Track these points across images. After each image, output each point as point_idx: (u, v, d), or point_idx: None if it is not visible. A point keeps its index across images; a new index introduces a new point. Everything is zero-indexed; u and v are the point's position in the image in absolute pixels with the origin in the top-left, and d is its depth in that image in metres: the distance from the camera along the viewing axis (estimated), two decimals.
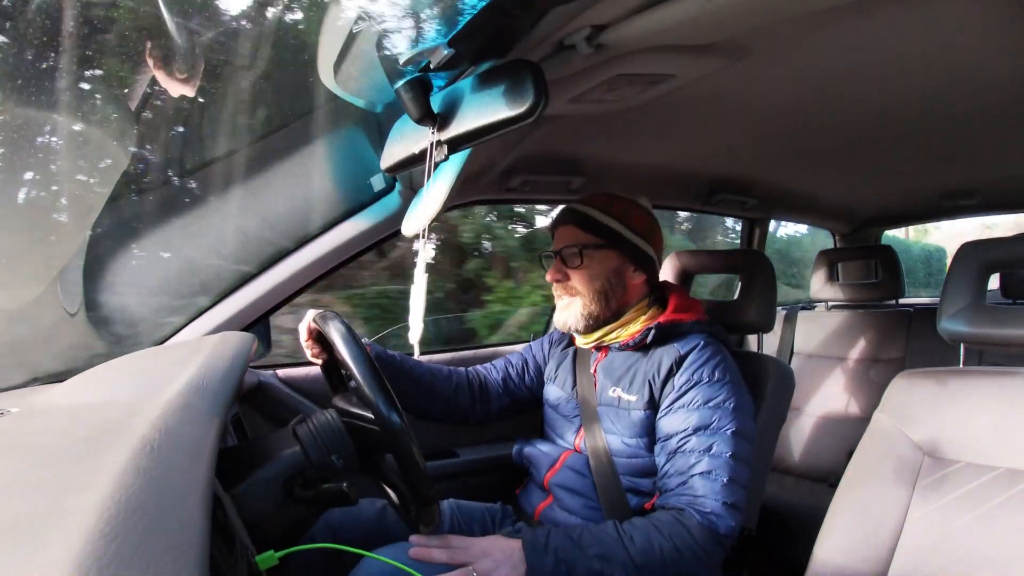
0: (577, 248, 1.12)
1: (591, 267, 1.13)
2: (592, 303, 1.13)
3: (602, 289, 1.13)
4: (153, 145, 1.23)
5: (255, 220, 1.23)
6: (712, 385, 1.02)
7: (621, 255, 1.14)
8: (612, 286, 1.13)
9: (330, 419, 0.80)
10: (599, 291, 1.13)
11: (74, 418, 0.57)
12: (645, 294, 1.17)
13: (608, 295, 1.13)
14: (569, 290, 1.14)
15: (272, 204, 1.25)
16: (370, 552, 0.76)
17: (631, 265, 1.15)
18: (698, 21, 0.77)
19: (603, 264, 1.13)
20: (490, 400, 1.28)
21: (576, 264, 1.13)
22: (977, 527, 0.79)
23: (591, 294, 1.12)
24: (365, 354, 0.81)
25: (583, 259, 1.12)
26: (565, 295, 1.15)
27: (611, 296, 1.13)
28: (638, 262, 1.15)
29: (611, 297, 1.14)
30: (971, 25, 0.84)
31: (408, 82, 0.79)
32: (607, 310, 1.13)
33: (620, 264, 1.14)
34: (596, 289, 1.12)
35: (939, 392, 0.91)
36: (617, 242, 1.13)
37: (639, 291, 1.16)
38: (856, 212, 2.40)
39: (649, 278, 1.17)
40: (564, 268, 1.14)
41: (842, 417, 2.02)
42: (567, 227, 1.16)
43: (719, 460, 0.96)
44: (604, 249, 1.13)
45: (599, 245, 1.13)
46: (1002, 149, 1.50)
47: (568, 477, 1.11)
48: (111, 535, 0.30)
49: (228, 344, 0.81)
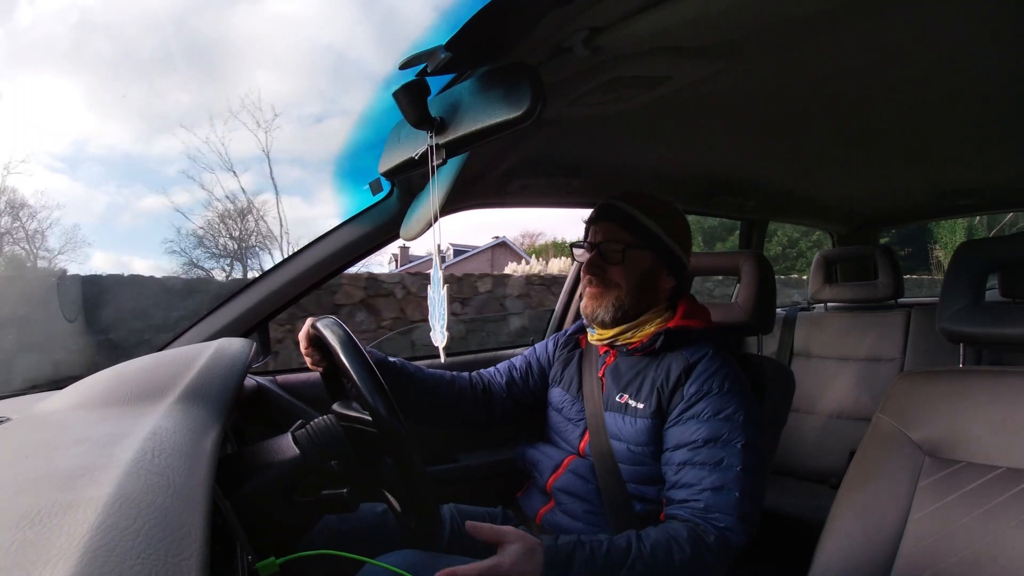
0: (619, 245, 1.12)
1: (629, 265, 1.13)
2: (626, 297, 1.13)
3: (638, 286, 1.13)
4: None
5: None
6: (722, 396, 1.02)
7: (657, 258, 1.14)
8: (647, 285, 1.14)
9: (329, 424, 0.80)
10: (635, 287, 1.13)
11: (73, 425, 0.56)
12: (668, 299, 1.17)
13: (641, 293, 1.14)
14: (605, 281, 1.14)
15: None
16: (371, 558, 0.75)
17: (665, 269, 1.15)
18: (695, 23, 0.77)
19: (640, 264, 1.13)
20: (493, 404, 1.27)
21: (616, 261, 1.13)
22: (978, 527, 0.79)
23: (627, 288, 1.13)
24: (364, 358, 0.81)
25: (624, 258, 1.12)
26: (599, 284, 1.15)
27: (643, 296, 1.14)
28: (672, 267, 1.16)
29: (643, 296, 1.14)
30: (969, 25, 0.84)
31: (405, 86, 0.79)
32: (636, 307, 1.14)
33: (655, 266, 1.14)
34: (633, 285, 1.13)
35: (939, 392, 0.91)
36: (655, 244, 1.13)
37: (665, 295, 1.17)
38: (854, 213, 2.41)
39: (678, 284, 1.18)
40: (602, 263, 1.14)
41: (842, 418, 2.02)
42: (609, 224, 1.15)
43: (730, 474, 0.96)
44: (643, 250, 1.13)
45: (638, 246, 1.13)
46: (1000, 148, 1.50)
47: (571, 481, 1.10)
48: (111, 543, 0.30)
49: (227, 350, 0.81)
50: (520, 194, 1.51)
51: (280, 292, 1.27)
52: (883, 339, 2.04)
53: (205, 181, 11.49)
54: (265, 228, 11.68)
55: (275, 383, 1.35)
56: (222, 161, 11.33)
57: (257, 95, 13.57)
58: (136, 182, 15.67)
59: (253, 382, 1.30)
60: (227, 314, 1.25)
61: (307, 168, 15.23)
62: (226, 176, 12.75)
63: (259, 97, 13.77)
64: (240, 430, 1.19)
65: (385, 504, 0.89)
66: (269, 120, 11.82)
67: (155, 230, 21.36)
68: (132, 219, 16.32)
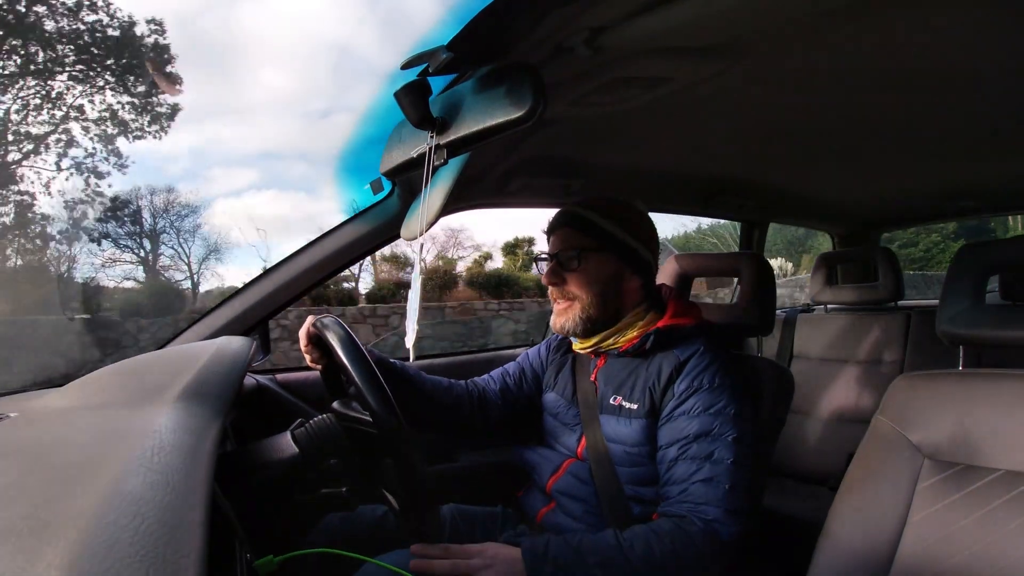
0: (575, 252, 1.12)
1: (588, 271, 1.11)
2: (590, 307, 1.12)
3: (600, 293, 1.12)
4: None
5: None
6: (712, 391, 1.02)
7: (619, 259, 1.13)
8: (609, 290, 1.13)
9: (329, 423, 0.80)
10: (597, 295, 1.12)
11: (73, 423, 0.56)
12: (642, 299, 1.16)
13: (606, 299, 1.12)
14: (566, 294, 1.13)
15: None
16: (369, 557, 0.75)
17: (628, 269, 1.14)
18: (696, 24, 0.77)
19: (601, 268, 1.12)
20: (489, 411, 1.27)
21: (573, 267, 1.12)
22: (978, 529, 0.79)
23: (588, 298, 1.11)
24: (364, 357, 0.81)
25: (580, 262, 1.11)
26: (562, 299, 1.14)
27: (608, 300, 1.13)
28: (635, 267, 1.14)
29: (608, 301, 1.13)
30: (971, 25, 0.84)
31: (407, 86, 0.79)
32: (604, 314, 1.13)
33: (618, 268, 1.13)
34: (594, 293, 1.11)
35: (939, 394, 0.91)
36: (615, 246, 1.12)
37: (635, 296, 1.15)
38: (855, 214, 2.40)
39: (645, 283, 1.17)
40: (561, 272, 1.13)
41: (842, 420, 2.02)
42: (565, 230, 1.14)
43: (721, 467, 0.96)
44: (602, 253, 1.12)
45: (597, 249, 1.12)
46: (1002, 150, 1.50)
47: (570, 483, 1.11)
48: (109, 540, 0.30)
49: (227, 348, 0.81)
50: (520, 194, 1.51)
51: (280, 291, 1.27)
52: (883, 341, 2.04)
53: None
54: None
55: (275, 382, 1.35)
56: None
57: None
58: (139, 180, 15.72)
59: (253, 381, 1.30)
60: (227, 312, 1.26)
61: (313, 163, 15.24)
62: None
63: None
64: (240, 428, 1.19)
65: (384, 504, 0.89)
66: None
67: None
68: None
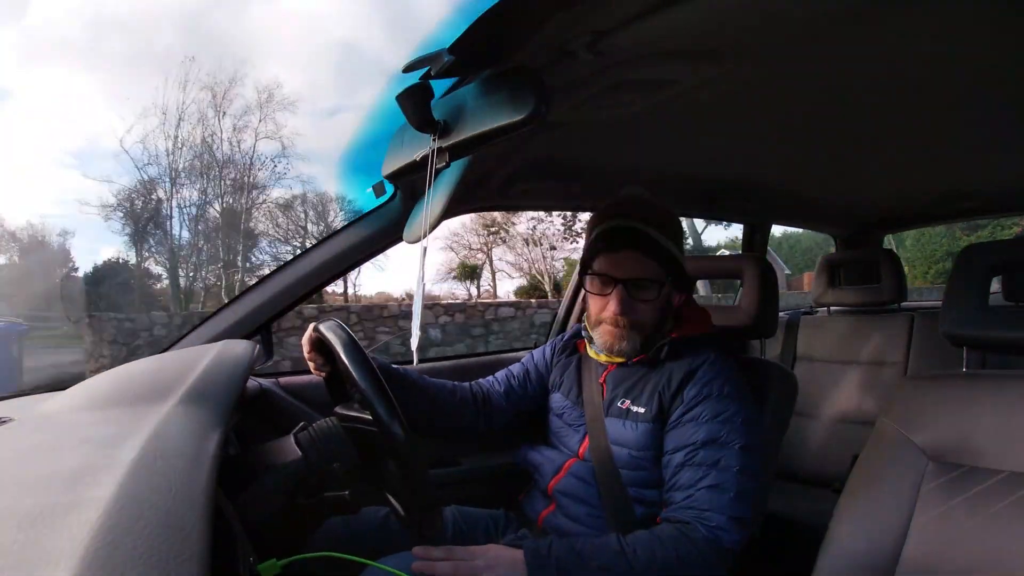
0: (653, 283, 1.07)
1: (660, 301, 1.08)
2: (650, 328, 1.09)
3: (661, 318, 1.10)
4: None
5: None
6: (721, 399, 1.01)
7: (673, 280, 1.10)
8: (666, 313, 1.11)
9: (332, 426, 0.80)
10: (658, 320, 1.09)
11: (75, 427, 0.57)
12: (675, 312, 1.15)
13: (662, 322, 1.10)
14: (633, 323, 1.07)
15: None
16: (372, 561, 0.75)
17: (678, 289, 1.12)
18: (698, 27, 0.78)
19: (667, 296, 1.10)
20: (493, 413, 1.27)
21: (650, 299, 1.07)
22: (982, 532, 0.78)
23: (653, 325, 1.09)
24: (367, 360, 0.81)
25: (654, 291, 1.07)
26: (627, 327, 1.07)
27: (663, 322, 1.11)
28: (683, 285, 1.13)
29: (663, 323, 1.11)
30: (974, 26, 0.84)
31: (409, 89, 0.79)
32: (657, 334, 1.10)
33: (671, 289, 1.11)
34: (657, 320, 1.09)
35: (942, 396, 0.90)
36: (671, 264, 1.09)
37: (674, 311, 1.14)
38: (857, 216, 2.40)
39: (688, 299, 1.15)
40: (632, 302, 1.07)
41: (846, 422, 2.01)
42: (634, 253, 1.06)
43: (727, 474, 0.95)
44: (665, 275, 1.08)
45: (667, 276, 1.08)
46: (1005, 151, 1.50)
47: (572, 484, 1.10)
48: (112, 543, 0.30)
49: (230, 352, 0.81)
50: (523, 197, 1.51)
51: (283, 294, 1.27)
52: (886, 343, 2.03)
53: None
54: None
55: (278, 385, 1.35)
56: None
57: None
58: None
59: (256, 384, 1.30)
60: (230, 316, 1.26)
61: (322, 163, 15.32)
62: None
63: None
64: (243, 432, 1.19)
65: (387, 508, 0.89)
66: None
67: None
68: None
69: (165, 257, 13.29)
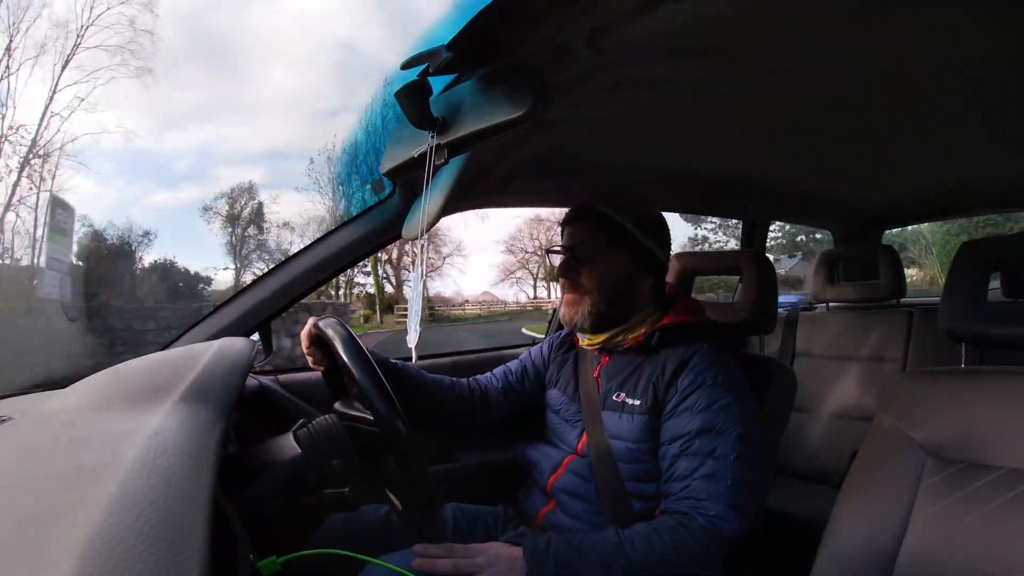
0: (592, 246, 1.12)
1: (602, 267, 1.12)
2: (600, 302, 1.12)
3: (612, 290, 1.12)
4: None
5: None
6: (716, 388, 1.02)
7: (634, 258, 1.13)
8: (622, 288, 1.13)
9: (331, 424, 0.80)
10: (609, 291, 1.12)
11: (74, 425, 0.56)
12: (652, 299, 1.17)
13: (617, 297, 1.13)
14: (578, 288, 1.14)
15: None
16: (372, 558, 0.75)
17: (642, 269, 1.14)
18: (697, 24, 0.77)
19: (615, 265, 1.12)
20: (491, 409, 1.28)
21: (588, 262, 1.13)
22: (981, 527, 0.79)
23: (600, 293, 1.12)
24: (366, 357, 0.81)
25: (595, 257, 1.12)
26: (574, 292, 1.15)
27: (620, 298, 1.13)
28: (649, 267, 1.15)
29: (620, 299, 1.13)
30: (973, 23, 0.84)
31: (407, 86, 0.79)
32: (615, 311, 1.13)
33: (632, 267, 1.13)
34: (607, 288, 1.12)
35: (941, 392, 0.90)
36: (631, 245, 1.13)
37: (647, 296, 1.16)
38: (856, 212, 2.40)
39: (657, 283, 1.17)
40: (576, 265, 1.14)
41: (845, 418, 2.01)
42: (582, 224, 1.15)
43: (723, 462, 0.96)
44: (618, 250, 1.12)
45: (613, 245, 1.12)
46: (1004, 147, 1.50)
47: (571, 481, 1.11)
48: (112, 542, 0.30)
49: (229, 349, 0.81)
50: (521, 195, 1.51)
51: (282, 291, 1.27)
52: (885, 339, 2.03)
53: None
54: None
55: (277, 383, 1.35)
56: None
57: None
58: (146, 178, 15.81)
59: (255, 382, 1.30)
60: (229, 314, 1.26)
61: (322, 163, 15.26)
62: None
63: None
64: (242, 430, 1.19)
65: (387, 505, 0.89)
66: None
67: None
68: (142, 214, 16.50)
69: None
